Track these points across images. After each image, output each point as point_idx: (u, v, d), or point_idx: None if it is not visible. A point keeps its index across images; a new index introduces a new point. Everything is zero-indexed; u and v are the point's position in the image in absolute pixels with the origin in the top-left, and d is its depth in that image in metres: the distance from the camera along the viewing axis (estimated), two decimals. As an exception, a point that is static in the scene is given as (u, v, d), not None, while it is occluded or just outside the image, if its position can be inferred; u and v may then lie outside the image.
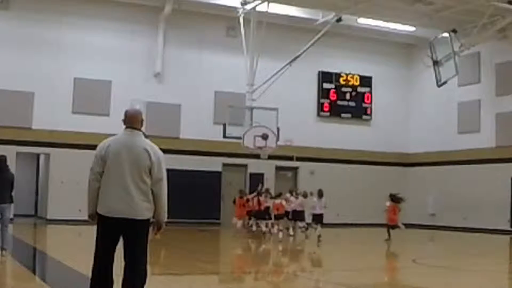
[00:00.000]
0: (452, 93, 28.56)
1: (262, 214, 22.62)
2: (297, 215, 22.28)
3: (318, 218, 20.57)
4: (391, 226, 21.27)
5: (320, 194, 20.91)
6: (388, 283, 11.29)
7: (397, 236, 20.96)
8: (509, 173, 26.45)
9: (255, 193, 23.15)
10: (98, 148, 6.32)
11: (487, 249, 19.53)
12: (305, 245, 19.91)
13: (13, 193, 12.33)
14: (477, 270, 13.59)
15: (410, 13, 25.21)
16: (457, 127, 29.35)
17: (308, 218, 21.97)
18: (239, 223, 22.75)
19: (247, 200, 22.92)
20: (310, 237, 20.78)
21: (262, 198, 22.74)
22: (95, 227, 6.26)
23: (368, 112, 31.18)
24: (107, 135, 6.57)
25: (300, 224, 22.46)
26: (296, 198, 22.68)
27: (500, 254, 18.75)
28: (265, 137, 22.80)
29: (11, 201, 12.29)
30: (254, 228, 22.69)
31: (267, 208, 22.91)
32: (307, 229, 22.22)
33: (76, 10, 25.83)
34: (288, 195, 22.96)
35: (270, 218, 22.88)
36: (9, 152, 15.10)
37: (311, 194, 22.25)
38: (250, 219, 23.10)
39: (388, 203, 21.70)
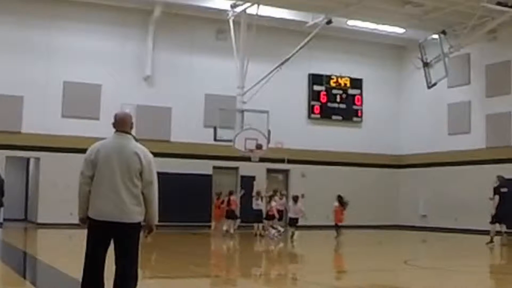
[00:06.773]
0: (442, 95, 28.63)
1: (230, 214, 22.94)
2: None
3: (292, 222, 21.99)
4: (337, 226, 22.59)
5: (295, 199, 22.19)
6: (379, 285, 11.28)
7: (386, 238, 20.97)
8: (500, 174, 26.47)
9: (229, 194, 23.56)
10: (87, 152, 6.30)
11: (478, 250, 19.55)
12: (294, 247, 19.91)
13: (3, 198, 12.31)
14: (469, 271, 13.61)
15: (400, 15, 25.29)
16: (447, 128, 29.40)
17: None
18: (225, 225, 23.02)
19: (222, 202, 23.28)
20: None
21: (233, 197, 23.06)
22: (85, 231, 6.23)
23: (359, 114, 31.19)
24: (97, 139, 6.55)
25: (261, 224, 22.94)
26: (281, 199, 23.05)
27: (491, 255, 18.78)
28: (259, 146, 22.97)
29: (2, 205, 12.27)
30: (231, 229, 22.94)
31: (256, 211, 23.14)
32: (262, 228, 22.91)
33: (65, 13, 25.74)
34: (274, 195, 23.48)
35: (261, 221, 22.96)
36: (-1, 156, 15.03)
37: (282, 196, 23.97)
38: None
39: (336, 204, 22.85)
